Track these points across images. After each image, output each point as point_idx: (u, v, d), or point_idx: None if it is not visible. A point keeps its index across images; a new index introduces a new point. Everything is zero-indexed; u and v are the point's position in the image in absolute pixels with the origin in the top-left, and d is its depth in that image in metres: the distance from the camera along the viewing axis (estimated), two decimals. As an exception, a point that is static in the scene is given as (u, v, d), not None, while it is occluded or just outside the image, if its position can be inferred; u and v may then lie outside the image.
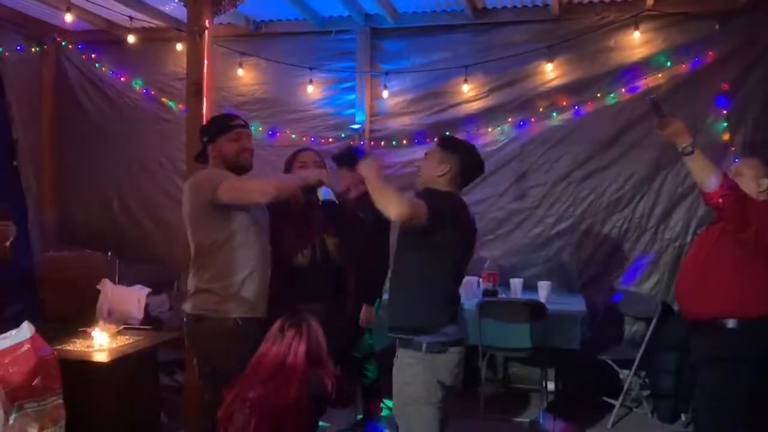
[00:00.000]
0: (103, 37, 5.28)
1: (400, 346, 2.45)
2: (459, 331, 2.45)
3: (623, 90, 4.45)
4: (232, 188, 2.44)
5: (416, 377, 2.38)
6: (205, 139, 2.62)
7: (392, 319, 2.48)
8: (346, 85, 5.02)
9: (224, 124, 2.60)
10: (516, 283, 4.20)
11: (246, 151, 2.59)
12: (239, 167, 2.56)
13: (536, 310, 3.76)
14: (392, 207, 2.27)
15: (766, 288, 2.56)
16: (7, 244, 3.14)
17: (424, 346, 2.37)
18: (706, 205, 2.77)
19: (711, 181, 2.54)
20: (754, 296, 2.55)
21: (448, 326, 2.41)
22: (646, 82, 4.42)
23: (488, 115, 4.74)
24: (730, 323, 2.54)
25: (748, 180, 2.67)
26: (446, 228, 2.37)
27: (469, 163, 2.54)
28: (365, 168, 2.38)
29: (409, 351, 2.40)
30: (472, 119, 4.77)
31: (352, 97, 4.99)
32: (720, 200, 2.54)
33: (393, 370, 2.48)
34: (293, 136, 5.03)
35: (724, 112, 4.26)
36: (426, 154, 2.59)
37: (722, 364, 2.60)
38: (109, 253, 4.47)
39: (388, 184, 2.36)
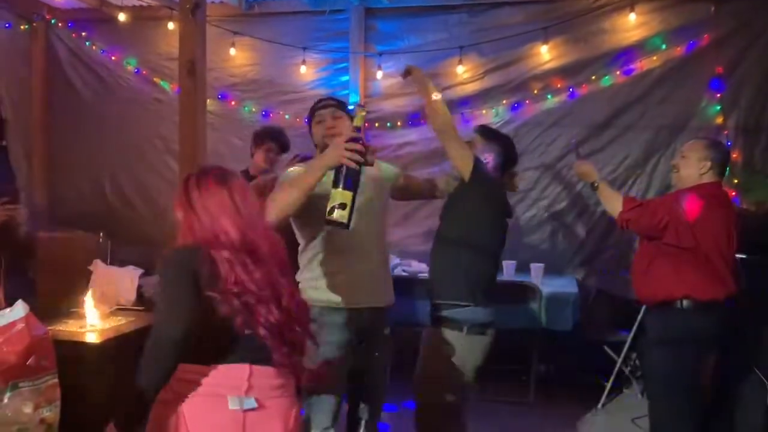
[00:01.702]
0: (93, 15, 5.20)
1: (437, 323, 2.49)
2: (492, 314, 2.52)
3: (618, 72, 4.44)
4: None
5: (457, 356, 2.42)
6: (307, 123, 2.59)
7: (435, 293, 2.52)
8: (340, 66, 4.98)
9: (311, 110, 2.52)
10: (509, 265, 4.21)
11: (329, 130, 2.39)
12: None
13: (529, 292, 3.78)
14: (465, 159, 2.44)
15: (711, 275, 2.68)
16: (22, 227, 3.07)
17: (465, 328, 2.43)
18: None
19: (615, 209, 2.83)
20: (701, 283, 2.67)
21: (487, 306, 2.49)
22: (641, 65, 4.40)
23: (483, 97, 4.71)
24: (683, 303, 2.68)
25: (692, 162, 2.82)
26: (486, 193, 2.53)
27: (508, 154, 2.69)
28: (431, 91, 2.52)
29: (449, 329, 2.45)
30: (467, 101, 4.76)
31: (346, 78, 4.95)
32: (623, 225, 2.82)
33: (424, 345, 2.53)
34: (287, 116, 5.00)
35: (718, 95, 4.25)
36: (467, 143, 2.63)
37: (673, 343, 2.71)
38: (101, 234, 4.44)
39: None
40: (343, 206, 2.00)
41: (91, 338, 2.85)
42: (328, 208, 2.03)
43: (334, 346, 2.31)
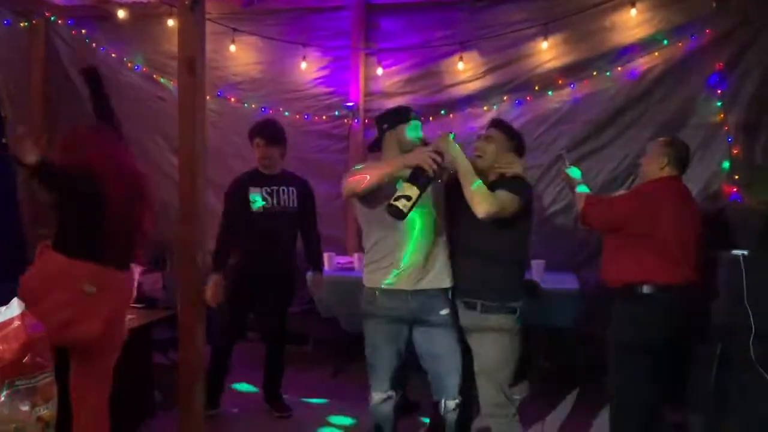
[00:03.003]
0: (93, 12, 5.20)
1: (486, 312, 2.60)
2: None
3: (620, 69, 4.42)
4: None
5: (514, 339, 2.62)
6: (385, 126, 2.72)
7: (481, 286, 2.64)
8: (342, 63, 4.97)
9: (406, 114, 2.73)
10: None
11: (420, 140, 2.70)
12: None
13: (530, 288, 3.77)
14: (484, 203, 2.47)
15: (669, 261, 2.87)
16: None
17: (518, 311, 2.62)
18: None
19: (580, 205, 3.08)
20: (659, 268, 2.87)
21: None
22: (643, 62, 4.38)
23: (485, 96, 4.70)
24: (643, 288, 2.88)
25: (652, 158, 3.04)
26: (530, 212, 2.69)
27: (523, 149, 2.77)
28: (460, 155, 2.53)
29: (503, 315, 2.60)
30: (469, 99, 4.74)
31: (347, 76, 4.94)
32: (582, 219, 3.07)
33: (476, 337, 2.64)
34: (286, 113, 4.99)
35: (719, 91, 4.24)
36: (487, 138, 2.71)
37: (634, 320, 2.92)
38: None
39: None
40: (408, 198, 2.33)
41: (91, 336, 2.85)
42: (395, 196, 2.36)
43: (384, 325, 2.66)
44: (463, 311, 2.68)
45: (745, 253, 3.11)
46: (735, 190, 4.10)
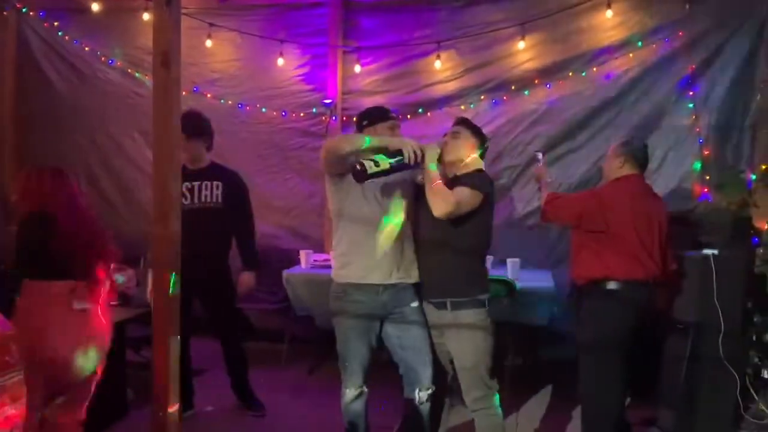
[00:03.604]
0: (66, 4, 5.11)
1: (457, 308, 2.62)
2: None
3: (595, 70, 4.48)
4: None
5: (488, 331, 2.65)
6: (365, 122, 2.78)
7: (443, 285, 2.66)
8: (320, 61, 4.95)
9: (384, 114, 2.82)
10: (486, 260, 4.21)
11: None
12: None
13: (506, 287, 3.80)
14: (442, 205, 2.51)
15: (629, 257, 2.96)
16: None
17: (486, 303, 2.65)
18: None
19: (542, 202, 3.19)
20: (620, 265, 2.96)
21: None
22: (617, 64, 4.45)
23: (463, 95, 4.74)
24: (606, 284, 2.98)
25: (611, 159, 3.14)
26: (490, 204, 2.68)
27: (485, 144, 2.80)
28: (431, 159, 2.57)
29: (473, 309, 2.62)
30: (446, 99, 4.77)
31: (325, 73, 4.93)
32: (542, 215, 3.20)
33: (451, 335, 2.66)
34: (263, 110, 4.96)
35: (691, 93, 4.32)
36: (453, 134, 2.74)
37: (599, 321, 3.01)
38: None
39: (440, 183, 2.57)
40: (377, 164, 2.45)
41: (63, 334, 2.80)
42: (367, 158, 2.46)
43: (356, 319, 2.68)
44: (434, 311, 2.70)
45: (716, 252, 3.18)
46: (706, 190, 4.18)
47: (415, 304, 2.72)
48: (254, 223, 3.76)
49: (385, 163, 2.46)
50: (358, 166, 2.44)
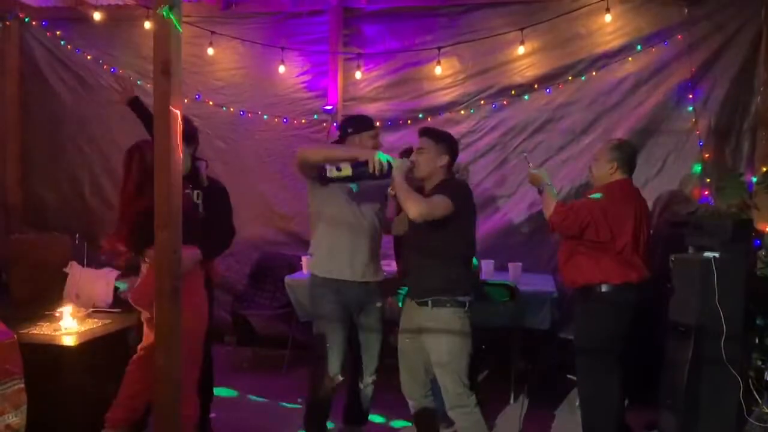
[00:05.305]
0: (68, 14, 5.15)
1: (437, 306, 2.74)
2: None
3: (594, 74, 4.49)
4: None
5: (466, 332, 2.75)
6: (350, 130, 2.99)
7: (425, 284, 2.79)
8: (322, 68, 4.98)
9: (369, 123, 3.05)
10: (488, 264, 4.24)
11: (377, 148, 2.96)
12: None
13: (507, 291, 3.81)
14: (414, 207, 2.63)
15: (625, 262, 3.02)
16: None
17: (467, 305, 2.76)
18: None
19: (549, 211, 3.12)
20: (616, 270, 3.01)
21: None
22: (617, 68, 4.46)
23: (463, 101, 4.76)
24: (601, 288, 3.04)
25: (602, 164, 3.15)
26: (467, 211, 2.78)
27: (456, 151, 2.89)
28: (398, 171, 2.71)
29: (452, 308, 2.73)
30: (447, 105, 4.79)
31: (326, 80, 4.95)
32: (552, 226, 3.14)
33: (430, 332, 2.77)
34: (265, 117, 4.99)
35: (690, 96, 4.32)
36: (418, 151, 2.83)
37: (594, 314, 3.08)
38: (77, 236, 4.39)
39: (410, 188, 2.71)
40: (339, 169, 2.72)
41: (67, 341, 2.83)
42: (335, 166, 2.72)
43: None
44: (416, 309, 2.83)
45: (716, 255, 3.18)
46: (706, 193, 4.19)
47: (379, 304, 3.09)
48: (234, 232, 3.53)
49: (347, 169, 2.72)
50: (321, 171, 2.73)
